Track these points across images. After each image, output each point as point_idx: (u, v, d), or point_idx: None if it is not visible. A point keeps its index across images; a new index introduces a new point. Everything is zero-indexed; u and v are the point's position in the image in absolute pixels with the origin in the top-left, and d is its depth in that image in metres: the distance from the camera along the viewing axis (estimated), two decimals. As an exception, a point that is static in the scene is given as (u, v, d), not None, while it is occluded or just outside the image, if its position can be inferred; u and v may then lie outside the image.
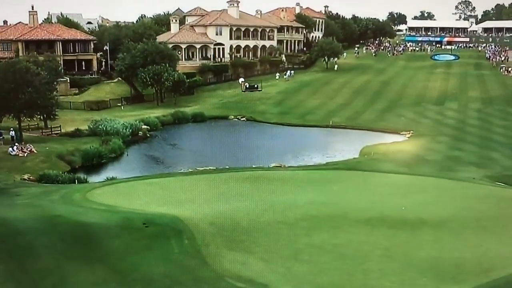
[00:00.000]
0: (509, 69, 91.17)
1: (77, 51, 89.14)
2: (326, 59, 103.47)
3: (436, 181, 32.80)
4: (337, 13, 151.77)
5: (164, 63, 78.12)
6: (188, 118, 68.94)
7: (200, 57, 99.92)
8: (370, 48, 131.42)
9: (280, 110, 72.38)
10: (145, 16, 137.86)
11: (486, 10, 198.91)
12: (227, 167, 40.47)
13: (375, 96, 78.48)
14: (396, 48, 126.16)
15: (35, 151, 46.59)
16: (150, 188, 30.14)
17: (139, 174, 41.02)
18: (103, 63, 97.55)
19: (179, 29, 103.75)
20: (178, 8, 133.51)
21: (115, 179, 36.64)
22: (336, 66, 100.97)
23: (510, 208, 25.10)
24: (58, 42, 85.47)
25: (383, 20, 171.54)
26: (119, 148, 51.46)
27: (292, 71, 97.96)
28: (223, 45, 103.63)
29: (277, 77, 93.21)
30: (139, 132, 58.70)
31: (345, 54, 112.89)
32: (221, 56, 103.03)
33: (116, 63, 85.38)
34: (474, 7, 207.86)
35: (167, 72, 76.53)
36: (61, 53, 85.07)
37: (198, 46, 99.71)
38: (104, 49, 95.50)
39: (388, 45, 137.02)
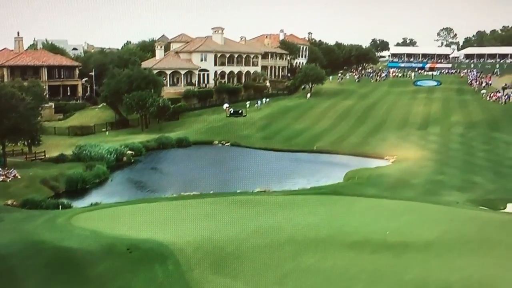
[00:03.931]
0: (491, 94, 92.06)
1: (62, 76, 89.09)
2: (310, 85, 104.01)
3: (420, 205, 32.78)
4: (320, 40, 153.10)
5: (149, 88, 78.11)
6: (173, 143, 68.62)
7: (185, 82, 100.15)
8: (354, 74, 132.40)
9: (265, 135, 72.43)
10: (130, 42, 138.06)
11: (467, 37, 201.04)
12: (212, 192, 40.30)
13: (359, 121, 78.80)
14: (379, 74, 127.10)
15: (18, 176, 46.19)
16: (135, 213, 29.91)
17: (124, 199, 40.67)
18: (88, 89, 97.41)
19: (164, 55, 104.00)
20: (163, 35, 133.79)
21: (99, 204, 36.38)
22: (309, 94, 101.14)
23: (494, 231, 25.11)
24: (43, 68, 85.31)
25: (366, 46, 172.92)
26: (104, 173, 51.16)
27: (268, 99, 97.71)
28: (208, 71, 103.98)
29: (247, 106, 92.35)
30: (124, 158, 58.40)
31: (330, 77, 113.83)
32: (205, 81, 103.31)
33: (101, 88, 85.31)
34: (455, 34, 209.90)
35: (152, 97, 76.46)
36: (46, 79, 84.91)
37: (183, 72, 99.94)
38: (90, 74, 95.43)
39: (371, 71, 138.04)
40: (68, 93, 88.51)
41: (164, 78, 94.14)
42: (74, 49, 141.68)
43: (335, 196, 36.86)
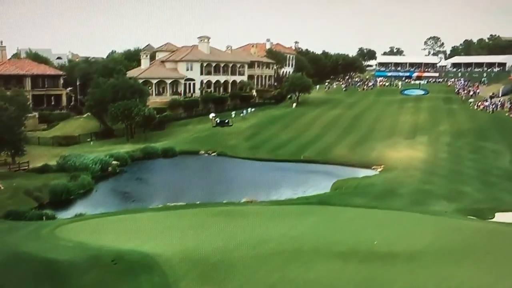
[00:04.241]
0: (478, 103, 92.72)
1: (46, 86, 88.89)
2: (297, 94, 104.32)
3: (407, 215, 32.85)
4: (307, 49, 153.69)
5: (135, 98, 78.08)
6: (158, 153, 68.42)
7: (170, 92, 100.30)
8: (341, 83, 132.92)
9: (251, 145, 72.51)
10: (115, 51, 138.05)
11: (454, 46, 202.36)
12: (198, 202, 40.20)
13: (346, 130, 79.03)
14: (366, 83, 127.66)
15: (1, 187, 45.86)
16: (120, 224, 29.75)
17: (109, 210, 40.49)
18: (73, 98, 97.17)
19: (150, 64, 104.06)
20: (149, 44, 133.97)
21: (84, 215, 36.07)
22: (294, 104, 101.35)
23: (482, 241, 25.23)
24: (27, 77, 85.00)
25: (353, 55, 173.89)
26: (88, 184, 50.92)
27: (253, 108, 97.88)
28: (194, 80, 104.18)
29: (232, 115, 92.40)
30: (109, 168, 58.15)
31: (317, 86, 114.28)
32: (191, 91, 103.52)
33: (86, 98, 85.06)
34: (443, 43, 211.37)
35: (137, 107, 76.37)
36: (30, 88, 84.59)
37: (168, 81, 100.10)
38: (74, 84, 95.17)
39: (358, 80, 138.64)
40: (52, 103, 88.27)
41: (149, 88, 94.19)
42: (58, 58, 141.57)
43: (322, 206, 36.83)
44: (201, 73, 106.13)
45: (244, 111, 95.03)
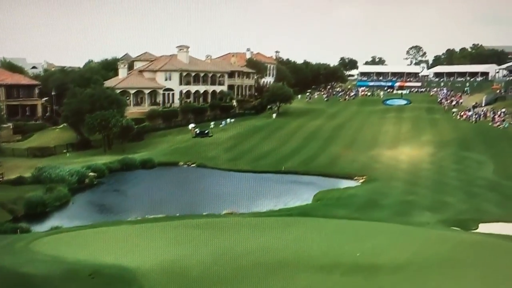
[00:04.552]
0: (461, 113, 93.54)
1: (21, 96, 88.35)
2: (278, 104, 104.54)
3: (390, 226, 33.02)
4: (288, 59, 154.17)
5: (112, 108, 77.73)
6: (137, 164, 68.05)
7: (149, 102, 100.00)
8: (322, 93, 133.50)
9: (231, 156, 72.41)
10: (92, 60, 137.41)
11: (437, 55, 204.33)
12: (177, 214, 40.06)
13: (328, 141, 79.28)
14: (348, 93, 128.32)
15: (-26, 200, 45.40)
16: (97, 237, 29.59)
17: (86, 222, 40.13)
18: (48, 109, 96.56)
19: (128, 74, 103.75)
20: (126, 53, 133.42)
21: (60, 228, 35.84)
22: (274, 114, 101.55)
23: (466, 252, 25.41)
24: (1, 87, 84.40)
25: (334, 65, 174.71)
26: (65, 196, 50.45)
27: (233, 119, 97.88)
28: (173, 90, 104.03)
29: (211, 126, 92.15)
30: (86, 180, 57.73)
31: (299, 96, 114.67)
32: (170, 101, 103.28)
33: (62, 108, 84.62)
34: (425, 52, 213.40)
35: (115, 117, 76.07)
36: (4, 98, 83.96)
37: (147, 91, 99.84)
38: (50, 94, 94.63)
39: (340, 90, 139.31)
40: (27, 113, 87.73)
41: (127, 98, 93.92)
42: (34, 67, 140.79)
43: (304, 218, 36.87)
44: (180, 83, 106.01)
45: (223, 122, 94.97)
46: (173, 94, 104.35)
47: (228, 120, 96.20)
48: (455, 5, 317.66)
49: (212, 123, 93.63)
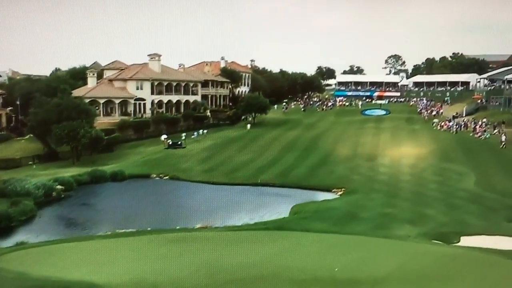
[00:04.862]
0: (441, 123, 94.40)
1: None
2: (253, 115, 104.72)
3: (369, 240, 33.10)
4: (264, 67, 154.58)
5: (81, 118, 77.28)
6: (107, 177, 67.65)
7: (119, 112, 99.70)
8: (299, 103, 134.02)
9: (206, 168, 72.26)
10: (59, 69, 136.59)
11: (416, 64, 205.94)
12: (149, 229, 39.84)
13: (305, 152, 79.46)
14: (325, 103, 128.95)
15: None
16: (65, 252, 29.30)
17: (53, 237, 39.77)
18: (13, 119, 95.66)
19: (97, 83, 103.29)
20: (96, 62, 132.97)
21: (26, 244, 35.45)
22: (249, 125, 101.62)
23: (448, 266, 25.54)
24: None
25: (311, 74, 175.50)
26: (31, 210, 49.86)
27: (205, 130, 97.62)
28: (144, 100, 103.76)
29: (183, 137, 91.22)
30: (53, 193, 57.16)
31: (275, 106, 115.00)
32: (142, 111, 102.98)
33: (28, 118, 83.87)
34: (404, 62, 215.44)
35: (83, 128, 75.58)
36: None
37: (117, 101, 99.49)
38: (15, 103, 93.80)
39: (317, 99, 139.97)
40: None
41: (97, 108, 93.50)
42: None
43: (280, 232, 36.81)
44: (152, 93, 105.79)
45: (195, 133, 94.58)
46: (144, 104, 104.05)
47: (201, 131, 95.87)
48: (435, 13, 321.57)
49: (184, 134, 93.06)
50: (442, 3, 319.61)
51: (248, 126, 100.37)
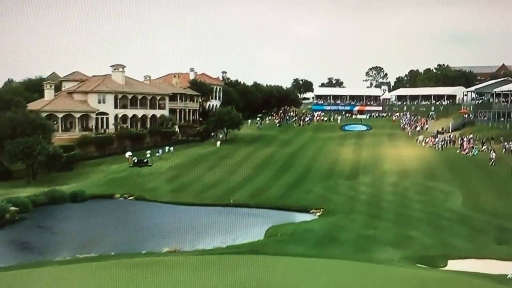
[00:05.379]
0: (426, 139, 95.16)
1: None
2: (225, 131, 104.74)
3: (350, 263, 33.20)
4: (236, 80, 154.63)
5: (37, 134, 76.64)
6: (66, 197, 67.01)
7: (80, 127, 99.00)
8: (274, 117, 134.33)
9: (174, 188, 72.11)
10: (12, 80, 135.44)
11: (399, 77, 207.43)
12: (112, 253, 39.60)
13: (281, 171, 79.68)
14: (302, 118, 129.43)
15: None
16: (20, 280, 29.00)
17: (6, 263, 39.20)
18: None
19: (55, 95, 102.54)
20: (54, 72, 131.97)
21: (-24, 271, 34.98)
22: (219, 142, 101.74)
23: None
24: None
25: (287, 87, 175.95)
26: (-19, 234, 49.52)
27: (171, 147, 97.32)
28: (107, 114, 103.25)
29: (147, 154, 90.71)
30: (6, 215, 56.48)
31: (249, 121, 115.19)
32: (104, 126, 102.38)
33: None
34: (386, 74, 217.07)
35: (40, 144, 74.91)
36: None
37: (77, 115, 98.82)
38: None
39: (293, 114, 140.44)
40: None
41: (55, 122, 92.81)
42: None
43: (254, 256, 36.78)
44: (116, 106, 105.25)
45: (160, 150, 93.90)
46: (107, 118, 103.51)
47: (167, 148, 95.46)
48: (419, 22, 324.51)
49: (148, 151, 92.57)
50: (427, 12, 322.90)
51: (218, 143, 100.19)
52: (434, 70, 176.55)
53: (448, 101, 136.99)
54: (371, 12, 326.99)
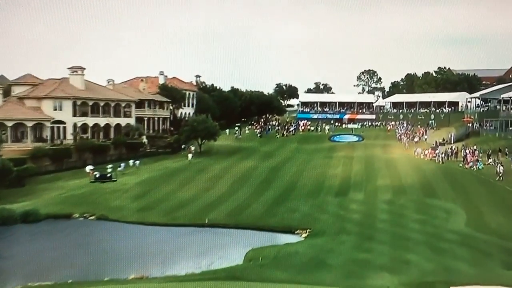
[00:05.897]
0: (425, 151, 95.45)
1: None
2: (200, 142, 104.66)
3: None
4: (212, 85, 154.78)
5: (-18, 146, 76.44)
6: (16, 217, 66.29)
7: (32, 138, 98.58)
8: (255, 127, 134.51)
9: (141, 206, 71.77)
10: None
11: (395, 81, 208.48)
12: (70, 281, 39.37)
13: (262, 187, 79.66)
14: (286, 127, 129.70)
15: None
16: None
17: None
18: None
19: (3, 101, 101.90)
20: (2, 75, 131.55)
21: None
22: (190, 155, 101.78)
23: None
24: None
25: (269, 93, 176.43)
26: None
27: (138, 161, 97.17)
28: (65, 123, 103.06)
29: (109, 169, 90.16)
30: None
31: (227, 131, 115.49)
32: (61, 137, 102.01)
33: None
34: (380, 78, 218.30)
35: (-14, 157, 74.71)
36: None
37: (29, 124, 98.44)
38: None
39: (276, 123, 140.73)
40: None
41: (3, 132, 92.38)
42: None
43: (233, 283, 36.81)
44: (74, 114, 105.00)
45: (123, 164, 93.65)
46: (64, 127, 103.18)
47: (131, 161, 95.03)
48: (416, 20, 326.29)
49: (110, 165, 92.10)
50: (425, 10, 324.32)
51: (190, 156, 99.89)
52: (434, 74, 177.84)
53: (450, 109, 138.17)
54: (363, 8, 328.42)
